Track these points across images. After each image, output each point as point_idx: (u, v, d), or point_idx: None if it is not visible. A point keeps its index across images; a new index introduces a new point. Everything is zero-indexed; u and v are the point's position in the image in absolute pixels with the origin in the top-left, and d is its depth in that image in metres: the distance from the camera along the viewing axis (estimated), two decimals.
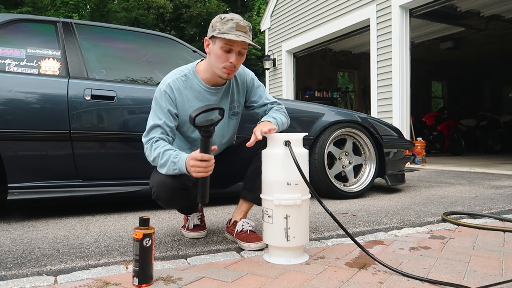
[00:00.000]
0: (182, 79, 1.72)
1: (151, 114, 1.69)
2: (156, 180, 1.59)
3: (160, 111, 1.66)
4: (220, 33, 1.59)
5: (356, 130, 3.19)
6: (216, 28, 1.61)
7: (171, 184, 1.56)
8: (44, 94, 2.35)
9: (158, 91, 1.70)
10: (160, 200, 1.63)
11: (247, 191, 1.78)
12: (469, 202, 2.85)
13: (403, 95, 6.41)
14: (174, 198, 1.63)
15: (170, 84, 1.69)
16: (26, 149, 2.30)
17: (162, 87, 1.69)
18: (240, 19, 1.63)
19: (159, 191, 1.59)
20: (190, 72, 1.75)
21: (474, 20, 7.53)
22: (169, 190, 1.57)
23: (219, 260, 1.52)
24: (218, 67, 1.65)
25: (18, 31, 2.52)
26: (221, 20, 1.61)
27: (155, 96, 1.71)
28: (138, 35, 3.03)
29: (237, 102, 1.85)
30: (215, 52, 1.64)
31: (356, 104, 11.37)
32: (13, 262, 1.56)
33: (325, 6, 7.94)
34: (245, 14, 19.65)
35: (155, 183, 1.59)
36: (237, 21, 1.61)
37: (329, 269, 1.41)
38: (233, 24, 1.59)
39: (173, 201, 1.67)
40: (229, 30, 1.58)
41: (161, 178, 1.57)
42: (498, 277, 1.32)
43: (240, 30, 1.60)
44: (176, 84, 1.70)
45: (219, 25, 1.60)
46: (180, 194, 1.61)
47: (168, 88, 1.68)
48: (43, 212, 2.55)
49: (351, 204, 2.86)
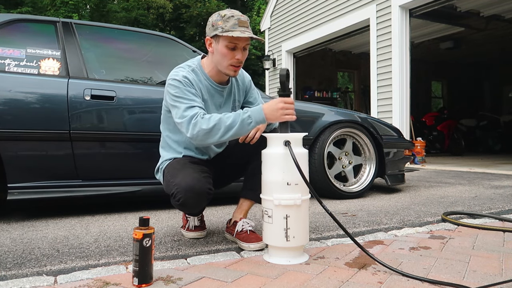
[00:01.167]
0: (191, 73, 1.69)
1: (180, 101, 1.56)
2: (183, 186, 1.50)
3: (189, 94, 1.58)
4: (224, 31, 1.58)
5: (356, 130, 3.19)
6: (219, 27, 1.59)
7: (199, 188, 1.51)
8: (44, 94, 2.35)
9: (176, 81, 1.60)
10: (187, 206, 1.56)
11: (248, 190, 1.78)
12: (469, 202, 2.85)
13: (403, 95, 6.41)
14: (201, 203, 1.58)
15: (186, 75, 1.64)
16: (26, 149, 2.30)
17: (179, 77, 1.61)
18: (240, 14, 1.62)
19: (187, 197, 1.50)
20: (197, 67, 1.73)
21: (474, 20, 7.53)
22: (199, 195, 1.51)
23: (219, 260, 1.52)
24: (225, 65, 1.65)
25: (18, 31, 2.52)
26: (222, 18, 1.60)
27: (174, 86, 1.60)
28: (138, 35, 3.03)
29: (238, 102, 1.87)
30: (220, 50, 1.63)
31: (356, 104, 11.37)
32: (13, 262, 1.56)
33: (325, 6, 7.94)
34: (245, 14, 19.64)
35: (182, 189, 1.50)
36: (238, 17, 1.60)
37: (329, 269, 1.41)
38: (235, 20, 1.58)
39: (200, 205, 1.61)
40: (232, 27, 1.58)
41: (188, 183, 1.49)
42: (498, 277, 1.32)
43: (243, 25, 1.60)
44: (191, 76, 1.66)
45: (221, 23, 1.59)
46: (206, 199, 1.56)
47: (189, 75, 1.64)
48: (43, 212, 2.55)
49: (351, 204, 2.86)
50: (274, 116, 1.51)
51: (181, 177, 1.55)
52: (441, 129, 9.30)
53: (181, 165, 1.67)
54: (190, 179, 1.52)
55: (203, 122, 1.50)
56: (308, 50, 9.06)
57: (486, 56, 10.69)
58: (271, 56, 9.80)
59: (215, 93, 1.75)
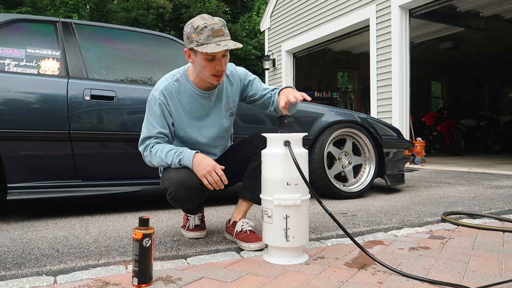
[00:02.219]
0: (174, 84, 1.71)
1: (145, 122, 1.70)
2: (174, 180, 1.56)
3: (155, 118, 1.67)
4: (199, 45, 1.54)
5: (355, 130, 3.19)
6: (193, 40, 1.56)
7: (190, 183, 1.56)
8: (44, 94, 2.35)
9: (152, 99, 1.69)
10: (178, 200, 1.59)
11: (246, 190, 1.78)
12: (469, 202, 2.85)
13: (402, 95, 6.41)
14: (193, 197, 1.62)
15: (163, 91, 1.68)
16: (26, 149, 2.30)
17: (156, 94, 1.68)
18: (213, 22, 1.55)
19: (178, 191, 1.55)
20: (182, 76, 1.73)
21: (474, 20, 7.53)
22: (189, 189, 1.57)
23: (218, 260, 1.52)
24: (206, 75, 1.64)
25: (17, 31, 2.52)
26: (195, 30, 1.55)
27: (148, 102, 1.70)
28: (137, 35, 3.03)
29: (232, 102, 1.84)
30: (199, 62, 1.61)
31: (356, 104, 11.37)
32: (12, 262, 1.55)
33: (325, 6, 7.94)
34: (245, 14, 19.65)
35: (173, 183, 1.56)
36: (212, 27, 1.54)
37: (329, 269, 1.41)
38: (209, 31, 1.53)
39: (191, 200, 1.64)
40: (207, 40, 1.54)
41: (180, 178, 1.56)
42: (498, 277, 1.32)
43: (217, 35, 1.55)
44: (169, 90, 1.69)
45: (195, 37, 1.55)
46: (198, 194, 1.61)
47: (162, 95, 1.67)
48: (43, 212, 2.55)
49: (350, 204, 2.86)
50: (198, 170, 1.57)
51: (175, 172, 1.60)
52: (441, 129, 9.31)
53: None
54: (182, 174, 1.57)
55: (151, 155, 1.66)
56: (308, 50, 9.06)
57: (486, 56, 10.69)
58: (271, 56, 9.80)
59: (201, 100, 1.74)
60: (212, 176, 1.56)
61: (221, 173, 1.58)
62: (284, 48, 9.33)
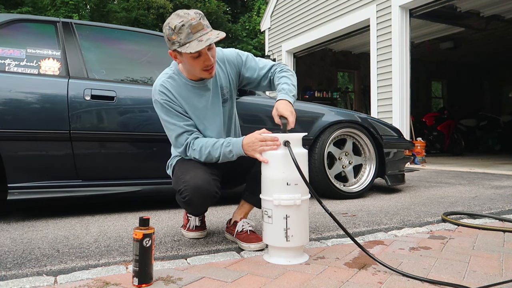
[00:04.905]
0: (169, 80, 1.69)
1: (166, 127, 1.69)
2: (191, 185, 1.53)
3: (171, 117, 1.65)
4: (181, 46, 1.51)
5: (356, 130, 3.19)
6: (175, 42, 1.52)
7: (207, 189, 1.54)
8: (44, 94, 2.35)
9: (156, 103, 1.68)
10: (191, 205, 1.58)
11: (248, 193, 1.78)
12: (469, 202, 2.85)
13: (403, 95, 6.41)
14: (206, 204, 1.62)
15: (161, 90, 1.66)
16: (26, 149, 2.30)
17: (157, 97, 1.67)
18: (190, 18, 1.50)
19: (193, 196, 1.53)
20: (174, 73, 1.71)
21: (474, 20, 7.53)
22: (205, 197, 1.55)
23: (219, 260, 1.52)
24: (197, 72, 1.62)
25: (18, 31, 2.52)
26: (174, 31, 1.50)
27: (155, 108, 1.69)
28: (138, 35, 3.03)
29: (226, 88, 1.79)
30: (186, 61, 1.59)
31: (356, 104, 11.37)
32: (13, 262, 1.56)
33: (325, 6, 7.94)
34: (245, 14, 19.65)
35: (190, 188, 1.53)
36: (189, 23, 1.49)
37: (329, 269, 1.41)
38: (188, 29, 1.49)
39: (205, 206, 1.67)
40: (187, 38, 1.50)
41: (197, 183, 1.53)
42: (498, 277, 1.32)
43: (197, 30, 1.51)
44: (165, 86, 1.67)
45: (175, 38, 1.51)
46: (213, 201, 1.59)
47: (162, 94, 1.66)
48: (43, 212, 2.55)
49: (351, 204, 2.86)
50: (253, 153, 1.56)
51: (192, 175, 1.57)
52: (441, 129, 9.31)
53: (192, 163, 1.67)
54: (200, 179, 1.54)
55: (195, 153, 1.65)
56: (308, 50, 9.06)
57: (486, 56, 10.69)
58: (271, 56, 9.80)
59: (199, 91, 1.71)
60: (268, 146, 1.52)
61: (269, 135, 1.54)
62: (285, 48, 9.33)
